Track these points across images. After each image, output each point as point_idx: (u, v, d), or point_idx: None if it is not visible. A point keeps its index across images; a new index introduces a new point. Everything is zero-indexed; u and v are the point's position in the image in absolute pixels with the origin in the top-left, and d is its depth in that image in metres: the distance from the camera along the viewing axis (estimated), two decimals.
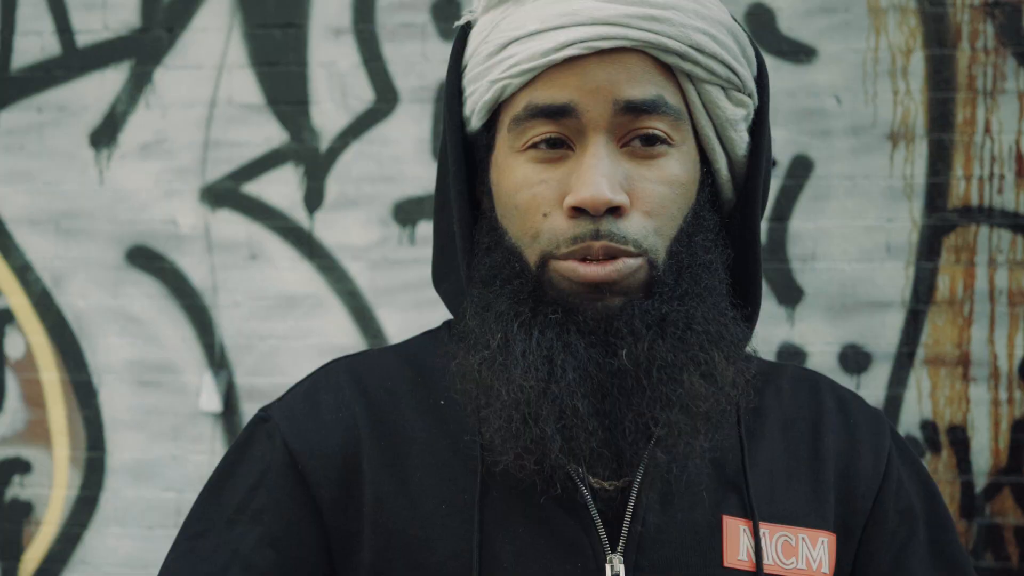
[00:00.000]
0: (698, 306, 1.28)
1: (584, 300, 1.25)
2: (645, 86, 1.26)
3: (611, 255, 1.24)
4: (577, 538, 1.28)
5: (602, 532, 1.29)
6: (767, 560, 1.32)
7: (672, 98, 1.28)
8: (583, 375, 1.24)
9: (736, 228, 1.37)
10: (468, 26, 1.36)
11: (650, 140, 1.27)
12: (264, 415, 1.39)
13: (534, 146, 1.27)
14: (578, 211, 1.24)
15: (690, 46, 1.27)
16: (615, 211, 1.24)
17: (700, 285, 1.29)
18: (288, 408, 1.38)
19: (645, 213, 1.26)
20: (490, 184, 1.33)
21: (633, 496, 1.29)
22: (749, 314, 1.36)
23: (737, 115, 1.33)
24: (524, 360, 1.24)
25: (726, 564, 1.30)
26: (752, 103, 1.35)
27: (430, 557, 1.28)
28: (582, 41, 1.25)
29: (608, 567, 1.28)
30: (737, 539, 1.32)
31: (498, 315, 1.27)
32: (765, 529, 1.33)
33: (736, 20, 1.36)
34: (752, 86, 1.34)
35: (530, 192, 1.27)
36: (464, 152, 1.36)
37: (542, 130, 1.26)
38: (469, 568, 1.27)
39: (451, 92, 1.34)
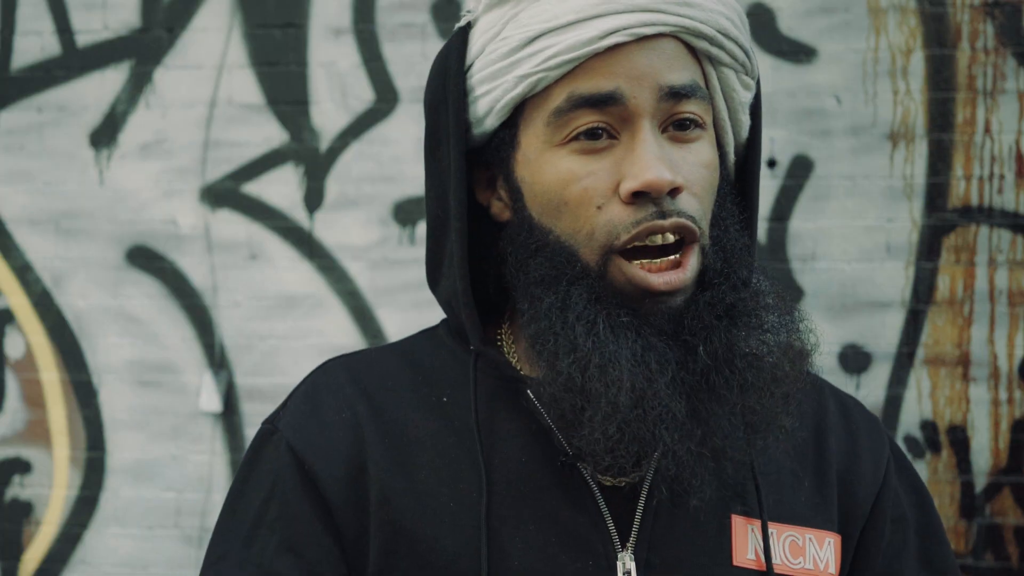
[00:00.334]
0: (760, 291, 1.29)
1: (649, 304, 1.25)
2: (682, 71, 1.27)
3: (679, 231, 1.24)
4: (587, 534, 1.28)
5: (612, 529, 1.28)
6: (775, 560, 1.32)
7: (701, 82, 1.29)
8: (673, 376, 1.23)
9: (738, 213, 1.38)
10: (467, 27, 1.34)
11: (686, 124, 1.27)
12: (268, 427, 1.38)
13: (575, 138, 1.26)
14: (637, 196, 1.23)
15: (718, 30, 1.28)
16: (672, 193, 1.24)
17: (748, 269, 1.30)
18: (290, 414, 1.37)
19: (695, 195, 1.26)
20: (517, 183, 1.31)
21: (643, 492, 1.29)
22: None
23: (746, 98, 1.35)
24: (617, 363, 1.22)
25: (735, 563, 1.30)
26: (754, 86, 1.36)
27: (439, 555, 1.28)
28: (625, 28, 1.24)
29: (620, 564, 1.27)
30: (745, 538, 1.32)
31: (578, 316, 1.24)
32: (773, 529, 1.33)
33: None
34: (757, 70, 1.36)
35: (580, 186, 1.25)
36: (466, 156, 1.34)
37: (587, 119, 1.25)
38: (478, 565, 1.26)
39: (457, 95, 1.31)
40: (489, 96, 1.30)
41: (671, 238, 1.24)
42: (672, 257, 1.24)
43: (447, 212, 1.34)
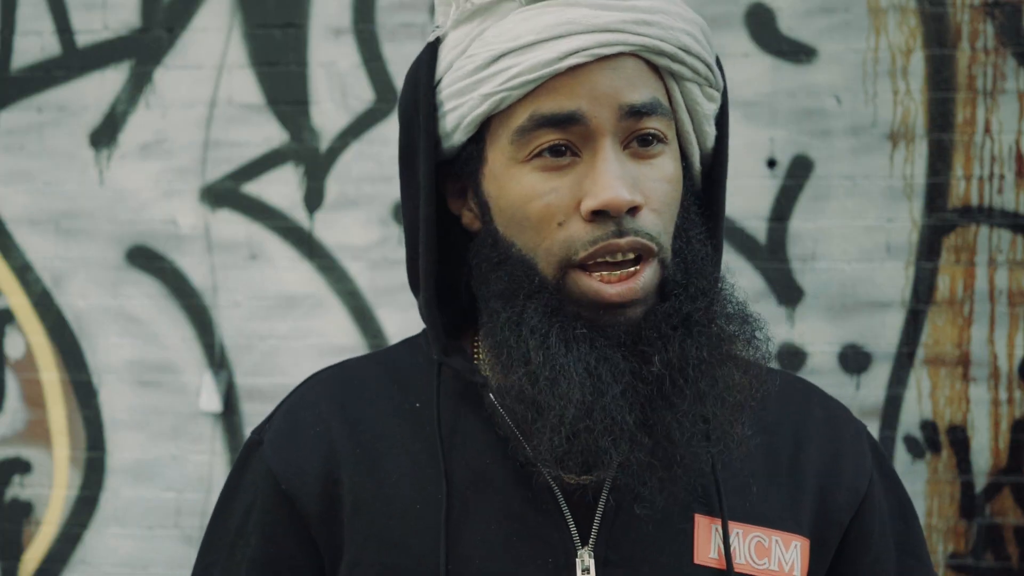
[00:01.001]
0: (715, 300, 1.31)
1: (606, 315, 1.27)
2: (643, 89, 1.29)
3: (635, 249, 1.26)
4: (547, 533, 1.30)
5: (572, 527, 1.30)
6: (739, 559, 1.33)
7: (663, 98, 1.31)
8: (626, 388, 1.25)
9: (702, 223, 1.40)
10: (437, 42, 1.36)
11: (648, 140, 1.29)
12: (256, 438, 1.43)
13: (539, 155, 1.28)
14: (597, 215, 1.25)
15: (679, 47, 1.30)
16: (632, 211, 1.26)
17: (708, 279, 1.32)
18: (272, 430, 1.41)
19: (654, 211, 1.28)
20: (484, 197, 1.33)
21: (604, 492, 1.31)
22: None
23: (711, 110, 1.37)
24: (569, 375, 1.25)
25: (696, 561, 1.32)
26: (719, 98, 1.38)
27: (404, 557, 1.31)
28: (584, 49, 1.26)
29: (578, 562, 1.29)
30: (708, 537, 1.33)
31: (532, 330, 1.27)
32: (739, 529, 1.34)
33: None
34: (720, 81, 1.37)
35: (542, 202, 1.27)
36: (435, 171, 1.36)
37: (550, 138, 1.27)
38: (437, 568, 1.29)
39: (427, 109, 1.34)
40: (456, 112, 1.32)
41: (629, 255, 1.26)
42: (628, 269, 1.27)
43: (412, 221, 1.38)
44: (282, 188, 3.79)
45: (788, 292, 3.63)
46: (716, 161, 1.40)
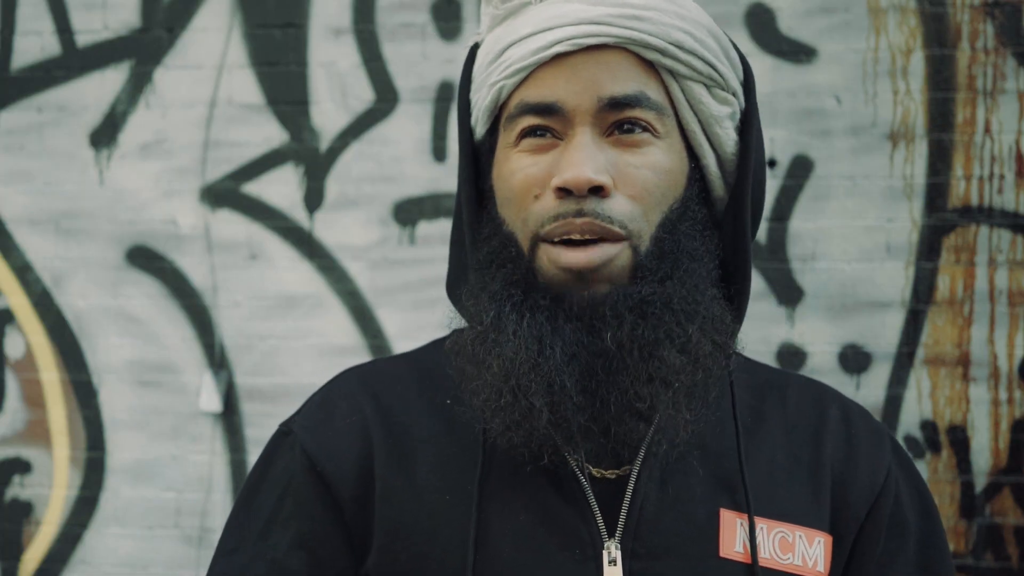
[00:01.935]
0: (677, 287, 1.34)
1: (571, 288, 1.32)
2: (627, 82, 1.34)
3: (593, 232, 1.30)
4: (575, 525, 1.33)
5: (600, 519, 1.33)
6: (764, 554, 1.36)
7: (655, 94, 1.35)
8: (570, 355, 1.29)
9: (729, 227, 1.42)
10: (476, 46, 1.45)
11: (631, 128, 1.33)
12: (284, 429, 1.46)
13: (523, 137, 1.35)
14: (563, 192, 1.31)
15: (670, 43, 1.34)
16: (599, 192, 1.31)
17: (680, 269, 1.35)
18: (304, 419, 1.45)
19: (630, 197, 1.32)
20: (493, 182, 1.41)
21: (631, 484, 1.34)
22: (736, 313, 1.42)
23: (722, 112, 1.39)
24: (515, 338, 1.30)
25: (722, 555, 1.34)
26: (738, 103, 1.41)
27: (433, 547, 1.33)
28: (569, 39, 1.33)
29: (605, 553, 1.31)
30: (733, 532, 1.36)
31: (491, 295, 1.34)
32: (763, 524, 1.37)
33: (725, 32, 1.43)
34: (736, 86, 1.41)
35: (523, 175, 1.34)
36: (473, 160, 1.44)
37: (529, 123, 1.34)
38: (466, 554, 1.31)
39: (461, 106, 1.43)
40: (477, 107, 1.42)
41: (587, 236, 1.31)
42: (588, 244, 1.31)
43: (461, 218, 1.45)
44: (282, 188, 3.79)
45: (788, 292, 3.63)
46: (740, 171, 1.43)
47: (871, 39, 3.60)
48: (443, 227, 3.70)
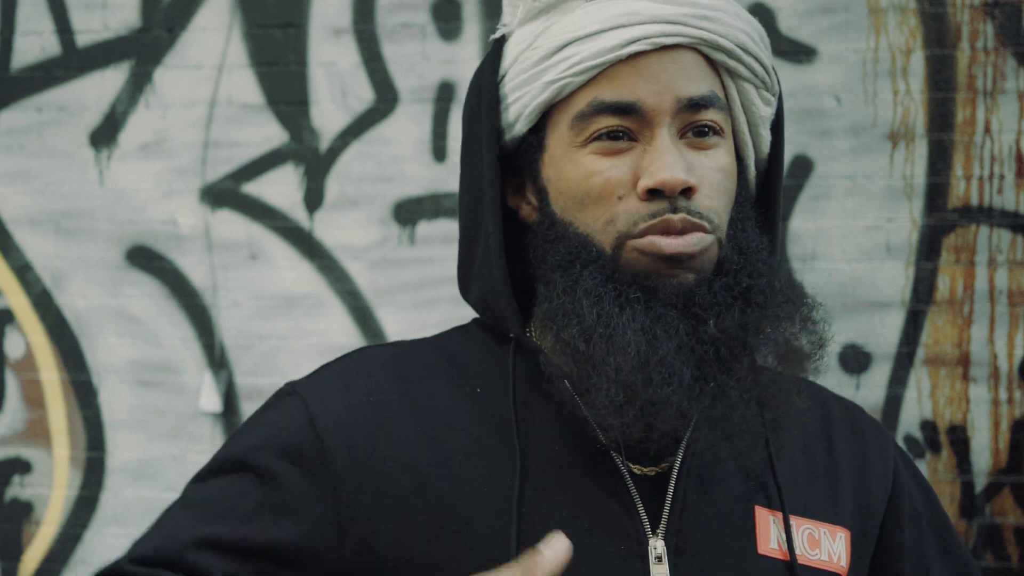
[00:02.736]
0: (775, 281, 1.35)
1: (661, 277, 1.31)
2: (700, 82, 1.34)
3: (689, 228, 1.30)
4: (619, 520, 1.32)
5: (644, 515, 1.33)
6: (796, 550, 1.37)
7: (720, 93, 1.36)
8: (680, 344, 1.28)
9: (758, 223, 1.44)
10: (502, 40, 1.42)
11: (704, 131, 1.34)
12: (290, 389, 1.40)
13: (596, 139, 1.33)
14: (652, 193, 1.30)
15: (736, 44, 1.35)
16: (686, 192, 1.30)
17: (766, 264, 1.36)
18: (317, 386, 1.40)
19: (709, 197, 1.33)
20: (543, 183, 1.38)
21: (673, 480, 1.34)
22: None
23: (766, 113, 1.41)
24: (624, 332, 1.28)
25: (760, 551, 1.35)
26: (775, 103, 1.43)
27: (471, 537, 1.31)
28: (646, 38, 1.31)
29: (651, 549, 1.31)
30: (768, 529, 1.37)
31: (586, 292, 1.31)
32: (792, 521, 1.38)
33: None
34: (777, 87, 1.42)
35: (603, 177, 1.32)
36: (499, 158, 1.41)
37: (607, 123, 1.32)
38: (510, 547, 1.29)
39: (489, 102, 1.39)
40: (519, 102, 1.38)
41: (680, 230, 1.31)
42: (683, 232, 1.31)
43: (480, 216, 1.41)
44: (282, 188, 3.79)
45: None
46: (772, 167, 1.44)
47: (871, 39, 3.60)
48: (443, 227, 3.70)
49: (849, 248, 3.60)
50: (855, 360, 3.60)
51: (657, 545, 1.32)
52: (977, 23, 3.56)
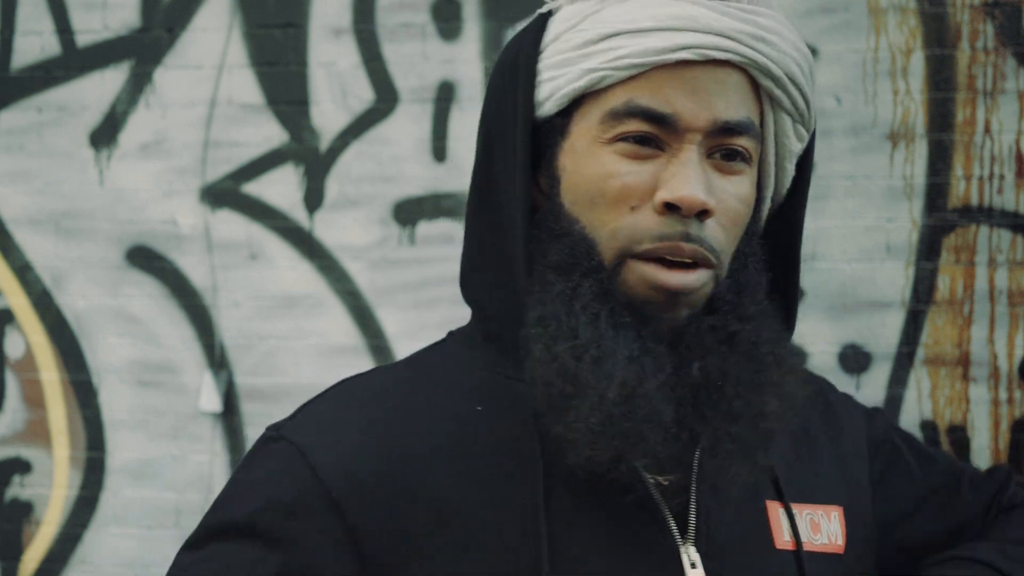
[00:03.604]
0: (763, 327, 1.32)
1: (655, 309, 1.27)
2: (739, 107, 1.29)
3: (696, 260, 1.26)
4: (649, 531, 1.31)
5: (672, 524, 1.31)
6: (803, 538, 1.39)
7: (757, 121, 1.31)
8: (664, 382, 1.25)
9: (767, 254, 1.41)
10: (547, 15, 1.36)
11: (733, 156, 1.29)
12: (276, 435, 1.34)
13: (623, 139, 1.28)
14: (669, 209, 1.26)
15: (786, 73, 1.31)
16: (701, 215, 1.26)
17: (761, 306, 1.34)
18: (307, 429, 1.32)
19: (721, 225, 1.29)
20: (557, 171, 1.33)
21: (693, 487, 1.33)
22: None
23: (796, 149, 1.37)
24: (613, 358, 1.24)
25: (777, 547, 1.36)
26: (807, 140, 1.39)
27: (505, 563, 1.27)
28: (698, 47, 1.26)
29: (684, 557, 1.30)
30: (780, 523, 1.37)
31: (583, 307, 1.26)
32: (795, 510, 1.39)
33: None
34: (813, 124, 1.38)
35: (621, 181, 1.27)
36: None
37: (638, 128, 1.27)
38: (540, 567, 1.26)
39: (528, 75, 1.32)
40: (552, 83, 1.32)
41: (687, 260, 1.27)
42: (687, 267, 1.27)
43: (498, 187, 1.33)
44: (282, 188, 3.79)
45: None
46: (791, 204, 1.41)
47: (871, 39, 3.60)
48: (443, 227, 3.70)
49: (849, 248, 3.60)
50: (855, 360, 3.60)
51: (690, 552, 1.30)
52: (977, 23, 3.56)
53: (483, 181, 1.37)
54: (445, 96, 3.72)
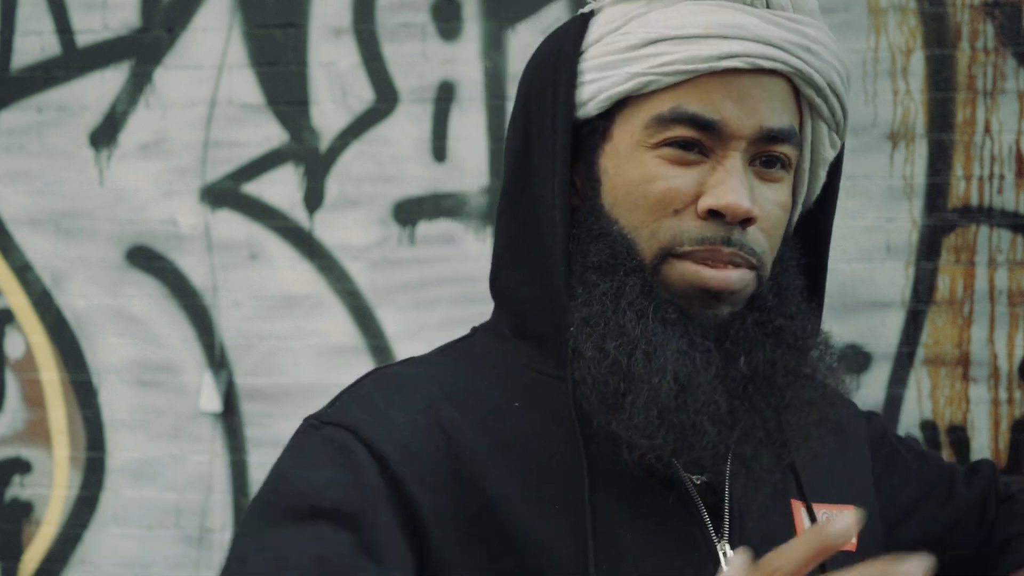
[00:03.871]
0: (806, 324, 1.33)
1: (696, 305, 1.28)
2: (783, 115, 1.30)
3: (737, 262, 1.28)
4: (689, 529, 1.31)
5: (708, 522, 1.32)
6: None
7: (797, 127, 1.33)
8: (716, 374, 1.27)
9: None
10: (589, 15, 1.36)
11: (774, 163, 1.31)
12: (317, 424, 1.30)
13: (667, 144, 1.29)
14: (712, 215, 1.27)
15: (828, 83, 1.32)
16: (745, 222, 1.27)
17: (800, 307, 1.34)
18: (349, 411, 1.30)
19: (763, 230, 1.30)
20: (598, 172, 1.33)
21: (727, 485, 1.33)
22: None
23: (830, 157, 1.39)
24: (663, 352, 1.25)
25: None
26: (839, 147, 1.41)
27: (547, 558, 1.26)
28: (747, 55, 1.27)
29: (722, 555, 1.31)
30: (803, 522, 1.38)
31: (629, 304, 1.27)
32: (815, 509, 1.39)
33: None
34: (845, 131, 1.40)
35: (665, 184, 1.28)
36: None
37: (684, 133, 1.28)
38: (586, 564, 1.25)
39: (569, 75, 1.33)
40: (595, 85, 1.32)
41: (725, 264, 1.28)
42: (728, 266, 1.28)
43: (532, 188, 1.33)
44: (282, 188, 3.79)
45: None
46: (821, 209, 1.42)
47: (871, 39, 3.60)
48: (443, 227, 3.70)
49: (849, 248, 3.60)
50: (855, 360, 3.60)
51: (727, 549, 1.31)
52: (977, 23, 3.56)
53: (519, 179, 1.37)
54: (445, 96, 3.72)
